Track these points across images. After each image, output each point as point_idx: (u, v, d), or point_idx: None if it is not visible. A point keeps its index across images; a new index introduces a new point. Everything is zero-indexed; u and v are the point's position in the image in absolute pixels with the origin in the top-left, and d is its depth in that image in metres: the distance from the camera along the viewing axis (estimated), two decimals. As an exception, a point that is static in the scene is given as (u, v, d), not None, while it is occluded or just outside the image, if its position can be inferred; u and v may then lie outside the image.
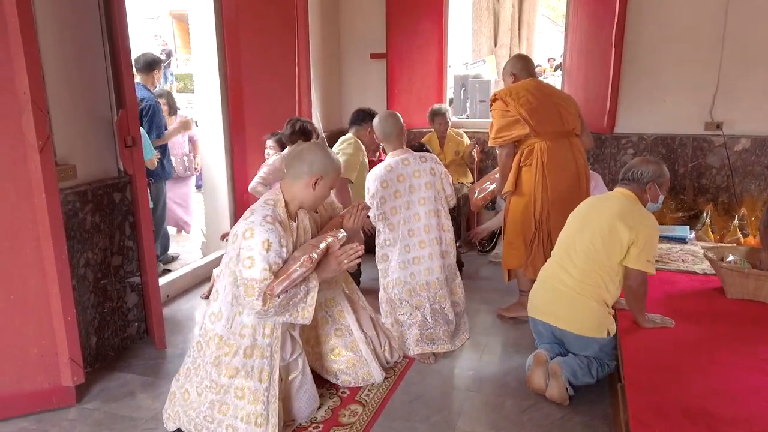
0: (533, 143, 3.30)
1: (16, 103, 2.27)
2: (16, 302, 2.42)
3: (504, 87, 3.51)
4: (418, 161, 3.24)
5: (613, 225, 2.59)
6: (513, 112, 3.29)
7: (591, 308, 2.60)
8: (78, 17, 2.75)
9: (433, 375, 2.86)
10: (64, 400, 2.59)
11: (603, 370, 2.63)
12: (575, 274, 2.64)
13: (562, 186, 3.29)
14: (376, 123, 3.35)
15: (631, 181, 2.71)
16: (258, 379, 2.26)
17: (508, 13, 12.70)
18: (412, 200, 3.21)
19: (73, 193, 2.75)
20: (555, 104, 3.35)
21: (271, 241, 2.14)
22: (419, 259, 3.18)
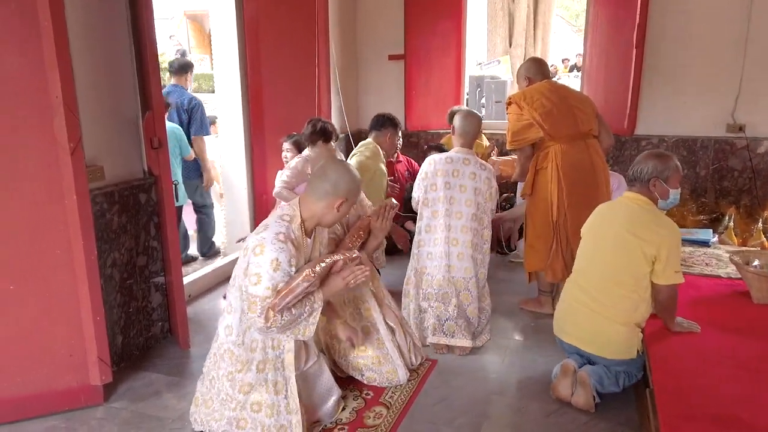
0: (548, 146, 3.31)
1: (49, 106, 2.30)
2: (47, 302, 2.45)
3: (519, 90, 3.52)
4: (478, 166, 3.28)
5: (627, 241, 2.48)
6: (527, 116, 3.30)
7: (618, 332, 2.52)
8: (106, 21, 2.78)
9: (456, 378, 2.86)
10: (92, 398, 2.62)
11: (630, 380, 2.59)
12: (597, 296, 2.56)
13: (579, 188, 3.28)
14: (457, 118, 3.36)
15: (634, 181, 2.57)
16: (274, 392, 2.25)
17: (523, 13, 12.66)
18: (459, 198, 3.24)
19: (101, 194, 2.78)
20: (570, 106, 3.34)
21: (280, 261, 2.10)
22: (449, 255, 3.19)
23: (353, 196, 2.33)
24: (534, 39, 12.88)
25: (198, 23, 17.79)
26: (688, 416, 2.01)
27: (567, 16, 24.27)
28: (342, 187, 2.28)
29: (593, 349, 2.59)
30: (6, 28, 2.20)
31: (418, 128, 5.73)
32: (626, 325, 2.51)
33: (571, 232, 3.27)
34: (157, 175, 3.02)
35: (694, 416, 2.01)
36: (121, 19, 2.85)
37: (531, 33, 12.91)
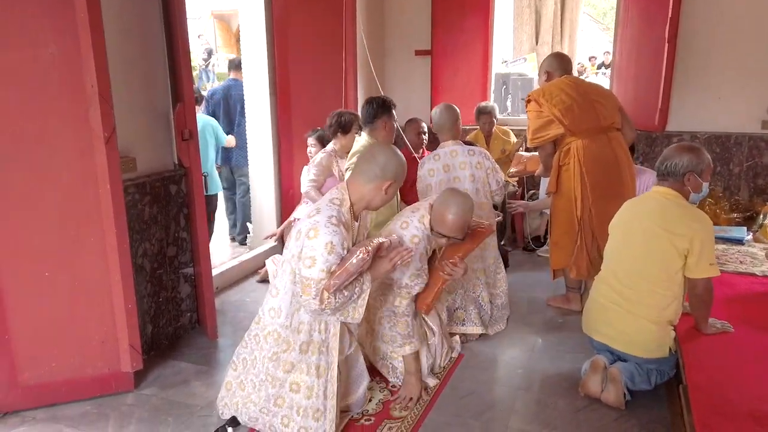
0: (569, 142, 3.28)
1: (84, 96, 2.34)
2: (80, 290, 2.50)
3: (539, 86, 3.49)
4: (466, 154, 3.29)
5: (658, 236, 2.43)
6: (546, 112, 3.27)
7: (648, 330, 2.47)
8: (140, 15, 2.82)
9: (483, 372, 2.84)
10: (122, 385, 2.66)
11: (662, 377, 2.53)
12: (627, 293, 2.52)
13: (603, 183, 3.24)
14: (432, 114, 3.39)
15: (667, 176, 2.48)
16: (316, 374, 2.25)
17: (550, 10, 12.54)
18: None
19: (133, 185, 2.82)
20: (591, 101, 3.30)
21: (334, 243, 2.11)
22: None
23: (400, 178, 2.34)
24: (561, 36, 12.73)
25: (225, 23, 18.00)
26: (722, 413, 1.96)
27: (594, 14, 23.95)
28: (390, 170, 2.29)
29: (624, 347, 2.55)
30: (44, 20, 2.24)
31: (444, 124, 5.70)
32: (657, 323, 2.46)
33: (596, 227, 3.24)
34: (188, 167, 3.05)
35: (729, 413, 1.96)
36: (154, 13, 2.89)
37: (558, 30, 12.77)
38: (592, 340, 2.71)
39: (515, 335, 3.24)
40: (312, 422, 2.23)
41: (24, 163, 2.33)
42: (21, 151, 2.32)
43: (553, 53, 3.68)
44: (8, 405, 2.48)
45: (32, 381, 2.49)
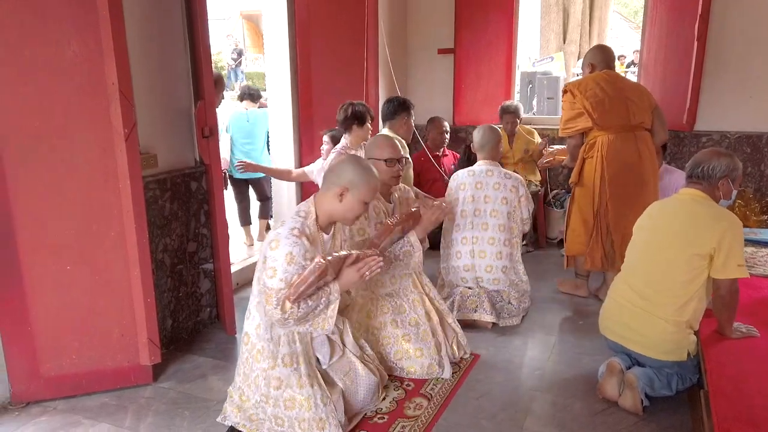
0: (596, 136, 3.35)
1: (105, 92, 2.39)
2: (101, 283, 2.55)
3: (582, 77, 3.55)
4: (502, 176, 3.36)
5: (682, 236, 2.38)
6: (579, 104, 3.34)
7: (665, 331, 2.40)
8: (162, 12, 2.87)
9: (499, 373, 2.81)
10: (141, 378, 2.71)
11: (684, 383, 2.45)
12: (646, 292, 2.47)
13: (622, 180, 3.30)
14: (475, 133, 3.46)
15: (700, 179, 2.44)
16: (309, 384, 2.24)
17: (578, 8, 12.38)
18: (484, 210, 3.33)
19: (154, 181, 2.87)
20: (624, 98, 3.33)
21: (294, 254, 2.13)
22: (477, 268, 3.33)
23: (357, 187, 2.26)
24: (589, 35, 12.57)
25: (253, 23, 18.21)
26: (744, 420, 1.91)
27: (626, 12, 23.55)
28: (345, 177, 2.27)
29: (640, 348, 2.49)
30: (66, 18, 2.29)
31: (467, 123, 5.65)
32: (676, 324, 2.40)
33: (612, 223, 3.33)
34: (208, 164, 3.09)
35: (751, 420, 1.90)
36: (176, 12, 2.93)
37: (586, 29, 12.60)
38: (607, 340, 2.66)
39: (533, 336, 3.20)
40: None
41: (48, 159, 2.39)
42: (45, 146, 2.37)
43: (597, 45, 3.71)
44: (30, 395, 2.54)
45: (53, 372, 2.55)
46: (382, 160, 2.80)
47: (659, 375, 2.45)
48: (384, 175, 2.79)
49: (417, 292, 2.86)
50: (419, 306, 2.83)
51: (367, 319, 2.80)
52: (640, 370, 2.48)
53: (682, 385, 2.46)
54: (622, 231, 3.28)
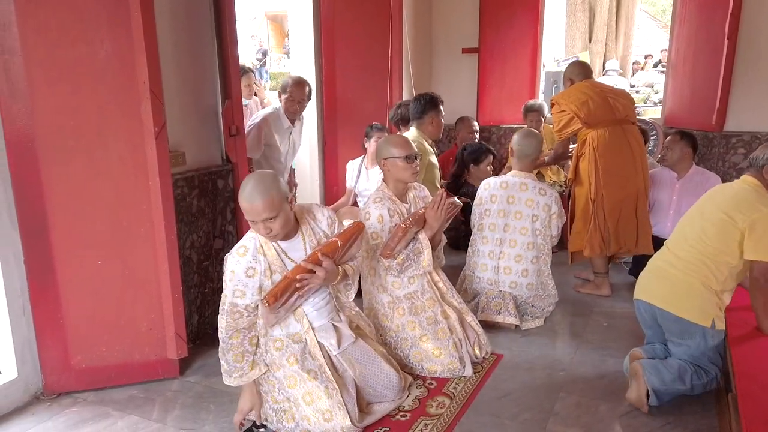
0: (586, 134, 3.58)
1: (136, 91, 2.44)
2: (130, 278, 2.60)
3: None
4: (536, 192, 3.29)
5: (724, 211, 2.44)
6: (567, 110, 3.60)
7: (694, 288, 2.43)
8: (191, 12, 2.92)
9: (523, 373, 2.80)
10: (168, 371, 2.76)
11: (700, 377, 2.41)
12: (683, 255, 2.51)
13: (614, 169, 3.51)
14: (516, 138, 3.39)
15: (749, 167, 2.57)
16: (309, 380, 2.28)
17: (605, 7, 12.24)
18: (514, 226, 3.29)
19: (183, 179, 2.92)
20: (605, 98, 3.61)
21: (235, 272, 2.22)
22: (499, 283, 3.30)
23: (245, 203, 2.13)
24: (616, 34, 12.41)
25: (278, 24, 18.36)
26: (774, 424, 1.87)
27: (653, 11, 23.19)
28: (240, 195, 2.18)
29: (663, 303, 2.51)
30: (99, 18, 2.35)
31: (491, 123, 5.65)
32: (704, 285, 2.42)
33: (607, 208, 3.54)
34: (235, 162, 3.13)
35: (782, 425, 1.87)
36: (204, 12, 2.98)
37: (612, 28, 12.45)
38: (637, 307, 2.67)
39: (556, 337, 3.18)
40: (325, 424, 2.24)
41: (81, 157, 2.45)
42: (78, 145, 2.43)
43: (574, 61, 4.13)
44: (61, 386, 2.61)
45: (84, 364, 2.61)
46: (401, 158, 2.77)
47: (670, 367, 2.42)
48: (404, 172, 2.79)
49: (431, 290, 2.86)
50: (435, 304, 2.83)
51: (385, 321, 2.81)
52: (647, 361, 2.49)
53: (698, 379, 2.41)
54: (616, 216, 3.55)
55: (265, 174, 2.18)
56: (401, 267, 2.74)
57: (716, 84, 4.59)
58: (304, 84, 3.76)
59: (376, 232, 2.74)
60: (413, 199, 2.93)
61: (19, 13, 2.25)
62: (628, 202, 3.54)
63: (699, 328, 2.41)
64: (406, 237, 2.68)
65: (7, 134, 2.34)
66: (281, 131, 3.82)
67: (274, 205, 2.12)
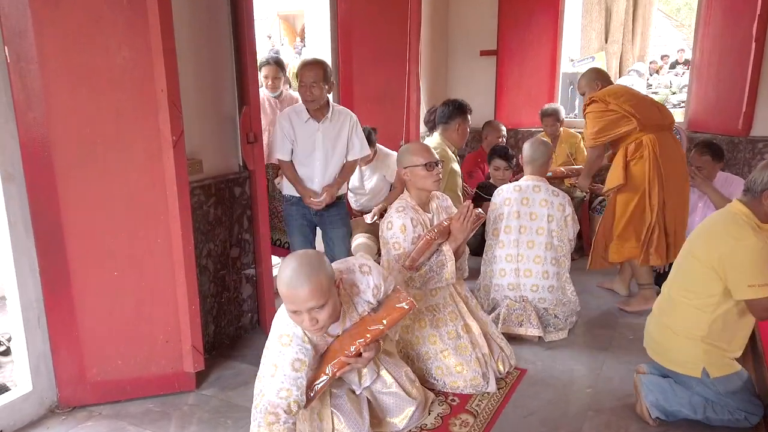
0: (639, 137, 3.34)
1: (154, 99, 2.38)
2: (147, 290, 2.55)
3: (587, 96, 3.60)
4: (549, 193, 3.25)
5: (698, 246, 2.29)
6: (616, 109, 3.35)
7: (676, 336, 2.31)
8: (209, 19, 2.86)
9: (548, 389, 2.71)
10: (184, 384, 2.70)
11: (719, 414, 2.26)
12: (665, 303, 2.41)
13: (673, 176, 3.34)
14: (526, 146, 3.35)
15: (746, 191, 2.30)
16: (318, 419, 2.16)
17: (621, 7, 12.08)
18: (530, 227, 3.22)
19: (199, 187, 2.86)
20: (652, 100, 3.48)
21: (277, 365, 2.00)
22: (518, 286, 3.22)
23: (288, 300, 1.93)
24: (632, 34, 12.24)
25: (290, 23, 18.33)
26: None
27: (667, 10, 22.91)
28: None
29: (653, 354, 2.45)
30: (117, 25, 2.29)
31: (509, 126, 5.52)
32: (689, 338, 2.27)
33: (668, 217, 3.37)
34: (252, 170, 3.07)
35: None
36: (222, 18, 2.92)
37: (629, 28, 12.28)
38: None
39: (582, 350, 3.09)
40: None
41: (97, 166, 2.39)
42: (95, 153, 2.38)
43: (591, 69, 3.90)
44: (77, 399, 2.56)
45: (99, 377, 2.56)
46: (421, 165, 2.70)
47: (676, 389, 2.33)
48: (425, 180, 2.71)
49: (453, 303, 2.79)
50: (457, 318, 2.75)
51: (405, 333, 2.74)
52: (649, 378, 2.42)
53: (716, 414, 2.27)
54: (676, 225, 3.40)
55: (310, 254, 1.93)
56: (423, 279, 2.67)
57: (743, 87, 4.47)
58: (312, 64, 3.02)
59: (398, 242, 2.67)
60: (436, 209, 2.85)
61: (36, 20, 2.20)
62: (684, 209, 3.42)
63: (691, 378, 2.29)
64: (430, 249, 2.60)
65: (23, 143, 2.29)
66: (300, 127, 3.10)
67: (322, 291, 1.84)
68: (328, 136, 3.11)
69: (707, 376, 2.24)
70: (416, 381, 2.46)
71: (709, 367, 2.23)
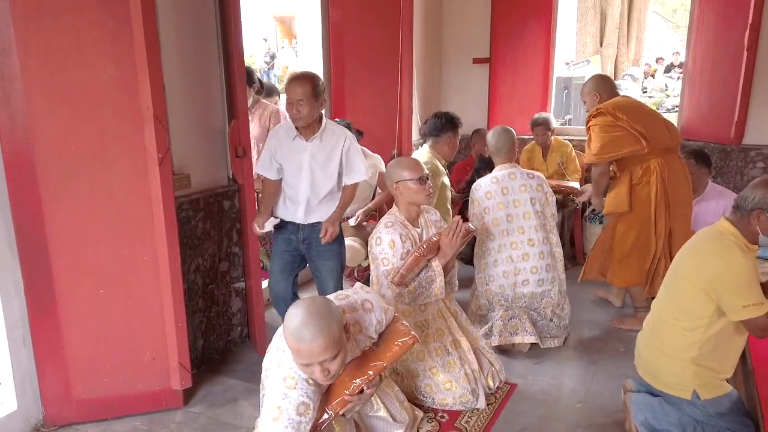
0: (648, 160, 3.19)
1: (139, 116, 2.36)
2: (134, 307, 2.53)
3: (588, 108, 3.43)
4: (525, 177, 3.27)
5: (686, 267, 2.25)
6: (626, 127, 3.15)
7: (661, 361, 2.29)
8: (197, 33, 2.84)
9: (538, 405, 2.70)
10: (171, 402, 2.68)
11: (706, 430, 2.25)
12: (654, 323, 2.38)
13: (680, 202, 3.23)
14: (489, 136, 3.35)
15: (735, 210, 2.24)
16: None
17: (616, 10, 12.09)
18: (516, 214, 3.23)
19: (188, 201, 2.84)
20: (662, 119, 3.28)
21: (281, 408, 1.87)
22: (520, 271, 3.20)
23: (299, 353, 1.81)
24: (627, 37, 12.25)
25: (286, 25, 18.29)
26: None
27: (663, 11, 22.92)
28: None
29: (643, 373, 2.41)
30: (102, 42, 2.27)
31: (502, 134, 5.53)
32: (679, 359, 2.23)
33: (675, 245, 3.21)
34: (241, 184, 3.05)
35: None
36: (210, 31, 2.90)
37: (624, 31, 12.29)
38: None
39: (573, 363, 3.08)
40: None
41: (82, 183, 2.37)
42: (84, 170, 2.37)
43: (598, 75, 3.66)
44: (62, 418, 2.54)
45: (85, 395, 2.54)
46: (413, 180, 2.68)
47: (666, 408, 2.31)
48: (417, 195, 2.69)
49: (443, 319, 2.78)
50: (446, 334, 2.74)
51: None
52: (639, 397, 2.40)
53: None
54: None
55: (318, 303, 1.82)
56: (413, 295, 2.65)
57: (735, 96, 4.47)
58: (299, 79, 2.72)
59: (387, 258, 2.65)
60: (425, 224, 2.83)
61: (19, 38, 2.18)
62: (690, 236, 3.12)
63: (682, 400, 2.26)
64: (419, 265, 2.59)
65: (6, 160, 2.27)
66: (288, 145, 2.85)
67: (334, 342, 1.74)
68: (317, 157, 2.83)
69: (697, 398, 2.21)
70: (405, 401, 2.44)
71: (700, 389, 2.21)
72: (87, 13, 2.23)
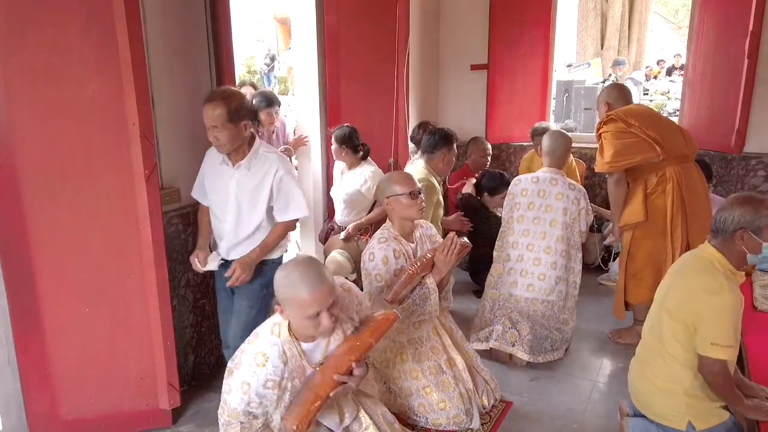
0: (663, 168, 3.09)
1: (126, 133, 2.32)
2: (121, 325, 2.49)
3: (599, 117, 3.39)
4: (566, 186, 3.29)
5: (670, 298, 2.16)
6: (639, 133, 3.07)
7: (650, 392, 2.23)
8: (187, 45, 2.79)
9: (533, 425, 2.65)
10: (160, 421, 2.64)
11: None
12: (643, 352, 2.31)
13: (698, 211, 3.11)
14: (545, 137, 3.40)
15: (716, 233, 2.10)
16: None
17: (617, 12, 12.02)
18: (544, 218, 3.27)
19: (177, 216, 2.80)
20: (676, 126, 3.21)
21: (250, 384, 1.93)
22: (527, 273, 3.25)
23: (289, 303, 1.88)
24: (628, 40, 12.19)
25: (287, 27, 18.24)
26: None
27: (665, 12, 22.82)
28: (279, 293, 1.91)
29: (636, 402, 2.34)
30: (89, 57, 2.23)
31: (500, 140, 5.47)
32: (671, 391, 2.15)
33: None
34: (232, 196, 3.00)
35: None
36: (200, 45, 2.86)
37: (625, 34, 12.22)
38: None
39: (569, 380, 3.03)
40: None
41: (68, 199, 2.34)
42: (69, 186, 2.33)
43: (612, 83, 3.63)
44: (49, 439, 2.50)
45: (71, 415, 2.50)
46: (405, 194, 2.62)
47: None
48: (409, 210, 2.63)
49: (437, 336, 2.73)
50: (440, 353, 2.69)
51: (387, 368, 2.68)
52: (638, 421, 2.31)
53: None
54: None
55: (303, 257, 1.94)
56: (406, 312, 2.60)
57: (735, 103, 4.41)
58: (211, 103, 2.37)
59: (380, 274, 2.60)
60: (420, 238, 2.77)
61: (1, 52, 2.14)
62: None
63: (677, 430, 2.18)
64: (412, 282, 2.54)
65: (-11, 178, 2.23)
66: (214, 170, 2.57)
67: (333, 285, 1.88)
68: (244, 187, 2.50)
69: (693, 428, 2.14)
70: (395, 422, 2.38)
71: (694, 420, 2.13)
72: (71, 27, 2.20)
